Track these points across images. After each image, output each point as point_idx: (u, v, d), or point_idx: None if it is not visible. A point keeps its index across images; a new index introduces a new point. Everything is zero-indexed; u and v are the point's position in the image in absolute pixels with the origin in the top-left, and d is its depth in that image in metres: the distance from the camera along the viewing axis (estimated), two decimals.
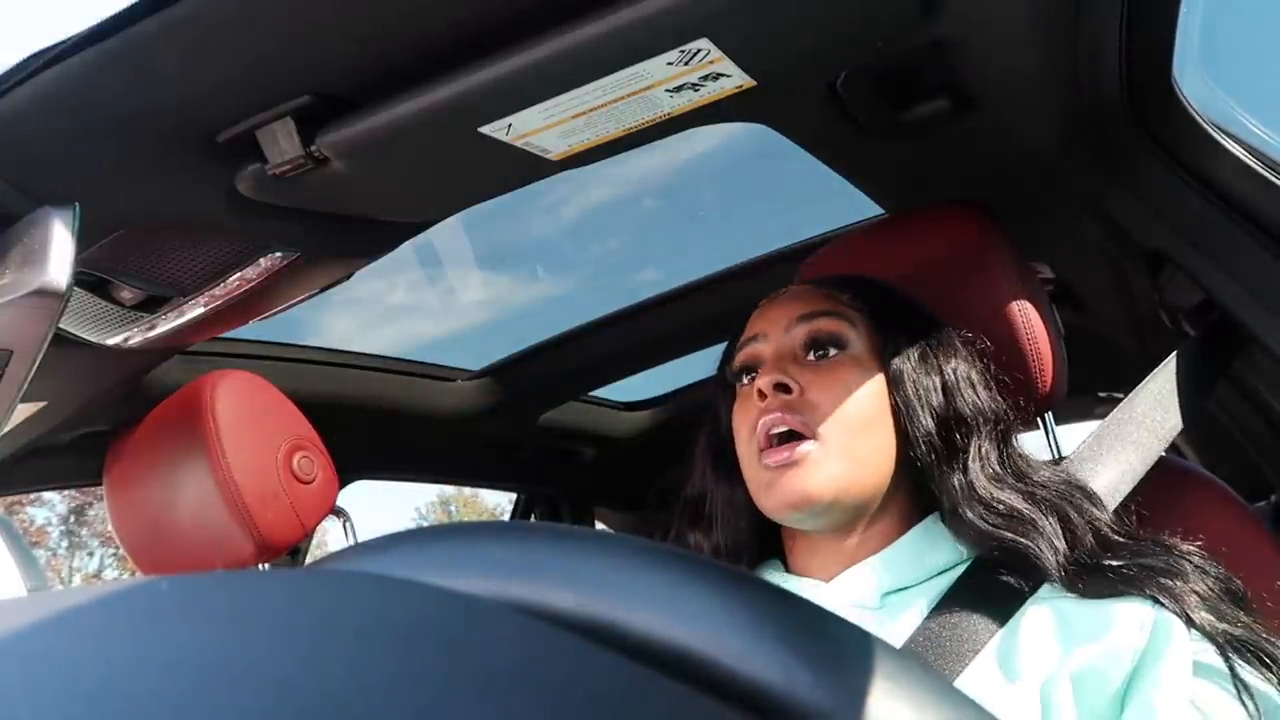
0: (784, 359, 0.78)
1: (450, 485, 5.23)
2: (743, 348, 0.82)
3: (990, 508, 0.70)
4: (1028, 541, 0.68)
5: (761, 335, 0.81)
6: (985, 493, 0.71)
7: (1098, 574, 0.67)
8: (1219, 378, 0.92)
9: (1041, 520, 0.69)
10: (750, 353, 0.81)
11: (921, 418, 0.74)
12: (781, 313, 0.81)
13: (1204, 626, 0.63)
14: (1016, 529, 0.69)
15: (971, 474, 0.72)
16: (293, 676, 0.16)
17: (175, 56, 0.62)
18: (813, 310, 0.79)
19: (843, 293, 0.81)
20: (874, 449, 0.74)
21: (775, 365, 0.77)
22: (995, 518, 0.70)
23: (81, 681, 0.15)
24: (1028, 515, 0.69)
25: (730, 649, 0.19)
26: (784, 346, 0.79)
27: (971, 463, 0.72)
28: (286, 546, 1.08)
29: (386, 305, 6.98)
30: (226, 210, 0.80)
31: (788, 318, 0.80)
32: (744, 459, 0.78)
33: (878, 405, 0.75)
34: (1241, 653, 0.62)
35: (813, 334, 0.78)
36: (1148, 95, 0.88)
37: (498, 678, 0.16)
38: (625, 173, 3.10)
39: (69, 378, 0.98)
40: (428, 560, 0.22)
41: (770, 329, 0.80)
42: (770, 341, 0.80)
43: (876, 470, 0.74)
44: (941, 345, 0.78)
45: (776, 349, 0.79)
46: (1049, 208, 1.07)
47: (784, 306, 0.81)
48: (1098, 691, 0.62)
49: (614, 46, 0.64)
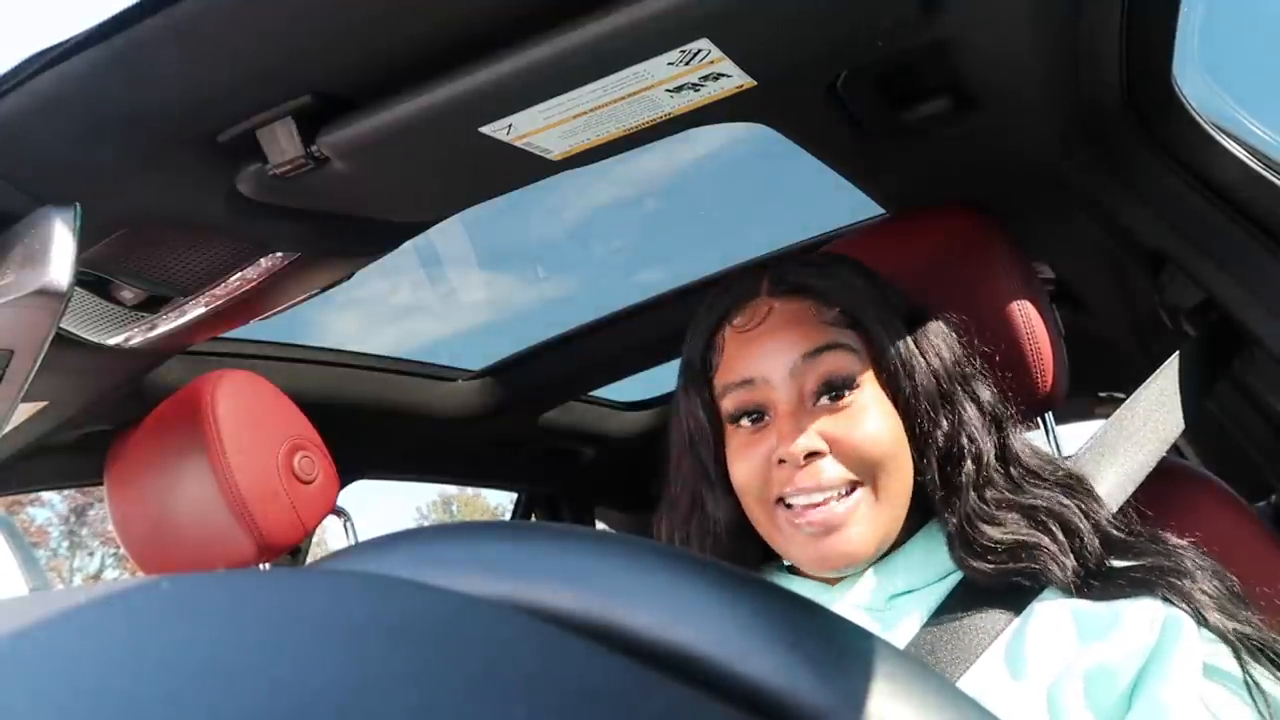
0: (799, 413, 0.71)
1: (451, 485, 5.22)
2: (735, 390, 0.74)
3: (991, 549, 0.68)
4: (1036, 566, 0.67)
5: (762, 380, 0.72)
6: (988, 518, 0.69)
7: (1107, 580, 0.67)
8: (1219, 378, 0.92)
9: (1046, 540, 0.67)
10: (750, 400, 0.73)
11: (935, 442, 0.72)
12: (779, 348, 0.73)
13: (1216, 626, 0.62)
14: (1020, 557, 0.67)
15: (971, 503, 0.70)
16: (293, 676, 0.16)
17: (176, 57, 0.62)
18: (814, 347, 0.72)
19: (831, 306, 0.74)
20: (902, 484, 0.72)
21: (793, 424, 0.70)
22: (997, 557, 0.68)
23: (82, 681, 0.15)
24: (1031, 541, 0.67)
25: (731, 649, 0.19)
26: (794, 395, 0.71)
27: (972, 491, 0.70)
28: (287, 546, 1.08)
29: (387, 305, 6.95)
30: (227, 210, 0.80)
31: (789, 357, 0.72)
32: (755, 512, 0.74)
33: (897, 438, 0.72)
34: (1253, 653, 0.62)
35: (825, 378, 0.71)
36: (1148, 95, 0.88)
37: (497, 678, 0.16)
38: (626, 173, 3.09)
39: (70, 378, 0.98)
40: (428, 560, 0.22)
41: (769, 372, 0.72)
42: (775, 389, 0.72)
43: (904, 500, 0.72)
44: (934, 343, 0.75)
45: (788, 401, 0.71)
46: (1049, 208, 1.07)
47: (779, 339, 0.73)
48: (1108, 690, 0.61)
49: (614, 47, 0.64)
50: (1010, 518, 0.69)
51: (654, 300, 1.51)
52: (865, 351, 0.73)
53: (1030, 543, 0.67)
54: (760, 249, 1.44)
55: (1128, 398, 0.85)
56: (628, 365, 1.66)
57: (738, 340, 0.75)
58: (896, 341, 0.73)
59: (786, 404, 0.72)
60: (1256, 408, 1.20)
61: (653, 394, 1.91)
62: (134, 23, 0.59)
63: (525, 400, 1.62)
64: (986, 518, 0.69)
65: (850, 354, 0.73)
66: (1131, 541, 0.70)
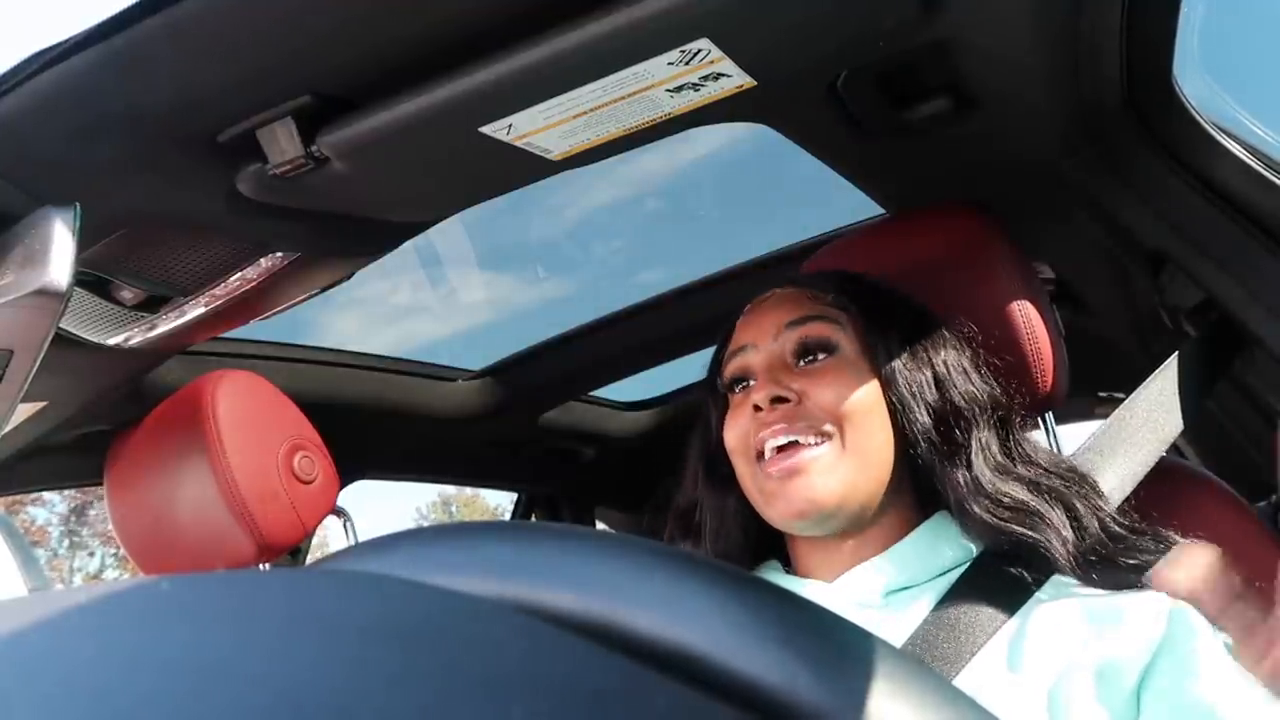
0: (775, 368, 0.77)
1: (451, 485, 5.22)
2: (732, 358, 0.81)
3: (997, 501, 0.70)
4: (1036, 535, 0.68)
5: (750, 345, 0.80)
6: (991, 486, 0.71)
7: (1109, 564, 0.67)
8: (1219, 378, 0.92)
9: (1048, 511, 0.69)
10: (740, 364, 0.80)
11: (918, 414, 0.74)
12: (768, 320, 0.80)
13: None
14: (1024, 522, 0.69)
15: (976, 469, 0.72)
16: (293, 677, 0.16)
17: (175, 56, 0.62)
18: (800, 316, 0.79)
19: (827, 294, 0.80)
20: (875, 448, 0.74)
21: (768, 376, 0.77)
22: (1003, 511, 0.70)
23: (82, 681, 0.15)
24: (1034, 507, 0.69)
25: (731, 649, 0.19)
26: (774, 355, 0.79)
27: (974, 456, 0.72)
28: (287, 546, 1.08)
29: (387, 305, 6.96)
30: (227, 210, 0.80)
31: (775, 325, 0.79)
32: (741, 470, 0.78)
33: (873, 404, 0.75)
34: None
35: (802, 340, 0.78)
36: (1148, 95, 0.88)
37: (498, 678, 0.16)
38: (626, 173, 3.11)
39: (70, 378, 0.98)
40: (428, 560, 0.22)
41: (758, 338, 0.80)
42: (760, 351, 0.79)
43: (879, 469, 0.74)
44: (929, 337, 0.78)
45: (767, 359, 0.79)
46: (1049, 208, 1.07)
47: (770, 313, 0.81)
48: (1116, 685, 0.61)
49: (614, 47, 0.64)
50: (1016, 485, 0.71)
51: (654, 300, 1.51)
52: (851, 329, 0.79)
53: (1034, 509, 0.69)
54: (760, 249, 1.43)
55: (1128, 398, 0.85)
56: (628, 365, 1.66)
57: (741, 320, 0.84)
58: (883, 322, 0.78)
59: (765, 362, 0.78)
60: (1256, 408, 1.20)
61: (653, 394, 1.91)
62: (133, 22, 0.59)
63: (525, 400, 1.62)
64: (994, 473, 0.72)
65: (833, 326, 0.79)
66: (1132, 538, 0.70)
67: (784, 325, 0.79)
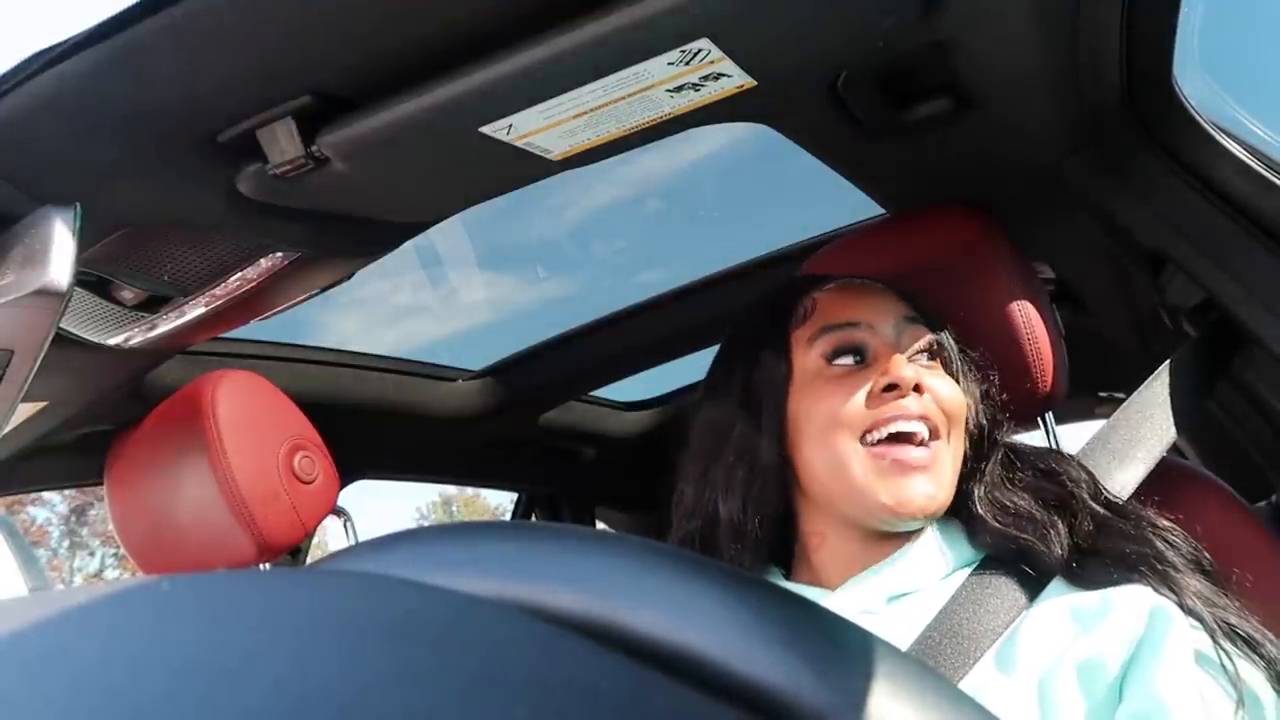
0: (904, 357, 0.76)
1: (451, 485, 5.21)
2: (832, 330, 0.77)
3: (1004, 509, 0.73)
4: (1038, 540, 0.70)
5: (865, 324, 0.77)
6: (1001, 494, 0.75)
7: (1094, 560, 0.68)
8: (1219, 378, 0.92)
9: (1050, 517, 0.71)
10: (852, 338, 0.76)
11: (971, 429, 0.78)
12: (881, 308, 0.78)
13: (1198, 613, 0.64)
14: (1027, 529, 0.71)
15: (990, 481, 0.76)
16: (293, 676, 0.16)
17: (175, 57, 0.62)
18: (912, 314, 0.79)
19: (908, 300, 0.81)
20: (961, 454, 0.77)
21: (904, 363, 0.74)
22: (1008, 517, 0.73)
23: (82, 681, 0.15)
24: (1039, 517, 0.72)
25: (732, 650, 0.19)
26: (900, 343, 0.77)
27: (990, 469, 0.76)
28: (287, 546, 1.08)
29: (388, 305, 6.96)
30: (227, 210, 0.80)
31: (893, 315, 0.78)
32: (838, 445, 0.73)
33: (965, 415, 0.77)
34: (1233, 639, 0.63)
35: (925, 340, 0.78)
36: (1148, 95, 0.88)
37: (499, 678, 0.16)
38: (626, 173, 3.11)
39: (70, 378, 0.98)
40: (429, 560, 0.22)
41: (875, 320, 0.77)
42: (877, 334, 0.77)
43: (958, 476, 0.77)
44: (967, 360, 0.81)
45: (892, 345, 0.76)
46: (1049, 208, 1.07)
47: (879, 302, 0.79)
48: (1098, 680, 0.62)
49: (615, 47, 0.64)
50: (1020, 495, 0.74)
51: (654, 300, 1.50)
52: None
53: (1039, 518, 0.71)
54: (760, 249, 1.43)
55: (1128, 398, 0.85)
56: (628, 365, 1.66)
57: (836, 294, 0.80)
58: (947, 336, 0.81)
59: (893, 347, 0.76)
60: (1256, 408, 1.20)
61: (653, 394, 1.91)
62: (134, 22, 0.59)
63: (525, 400, 1.62)
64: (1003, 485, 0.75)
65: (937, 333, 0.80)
66: (1118, 523, 0.71)
67: (903, 318, 0.78)
